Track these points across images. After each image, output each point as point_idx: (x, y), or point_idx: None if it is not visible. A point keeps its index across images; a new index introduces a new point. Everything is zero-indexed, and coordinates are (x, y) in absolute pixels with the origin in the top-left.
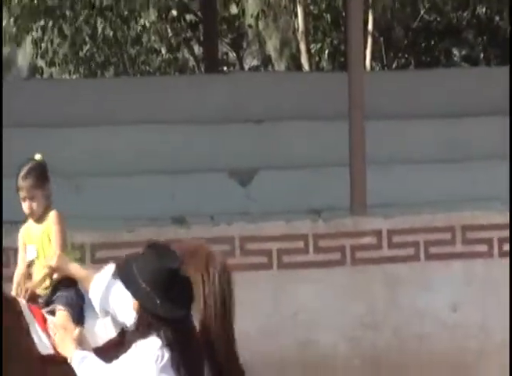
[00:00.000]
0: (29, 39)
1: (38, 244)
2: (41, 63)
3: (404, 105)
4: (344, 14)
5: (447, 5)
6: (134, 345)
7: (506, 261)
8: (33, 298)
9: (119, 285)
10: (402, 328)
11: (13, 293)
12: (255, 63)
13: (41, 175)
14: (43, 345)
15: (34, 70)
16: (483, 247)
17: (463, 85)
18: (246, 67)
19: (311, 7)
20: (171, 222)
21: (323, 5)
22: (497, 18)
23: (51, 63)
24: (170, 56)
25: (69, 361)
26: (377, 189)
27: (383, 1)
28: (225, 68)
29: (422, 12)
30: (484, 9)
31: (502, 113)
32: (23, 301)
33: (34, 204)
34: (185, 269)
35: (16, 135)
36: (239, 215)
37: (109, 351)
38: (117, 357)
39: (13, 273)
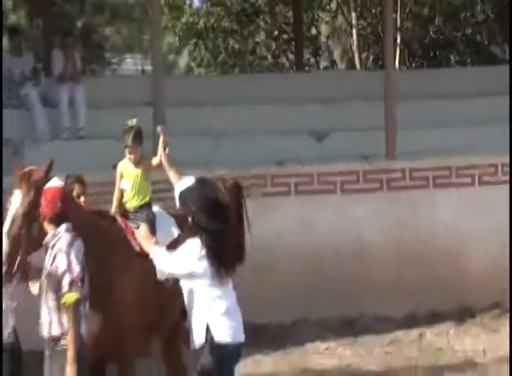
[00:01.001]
0: (186, 51)
1: (132, 180)
2: (193, 65)
3: (420, 91)
4: (382, 35)
5: (446, 28)
6: (185, 242)
7: (483, 189)
8: (124, 215)
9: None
10: (419, 230)
11: (112, 211)
12: (326, 64)
13: (140, 136)
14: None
15: (189, 70)
16: (468, 180)
17: (457, 79)
18: (321, 67)
19: (362, 31)
20: (275, 164)
21: (369, 29)
22: (478, 36)
23: (199, 66)
24: (274, 61)
25: (150, 256)
26: (404, 144)
27: (406, 25)
28: (307, 68)
29: (431, 32)
30: (470, 30)
31: (483, 95)
32: (118, 217)
33: (136, 156)
34: (222, 195)
35: (177, 112)
36: (317, 159)
37: (172, 247)
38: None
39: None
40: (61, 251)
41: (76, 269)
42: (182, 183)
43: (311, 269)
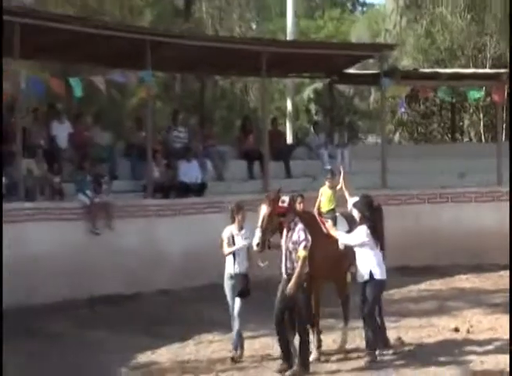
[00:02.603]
0: (397, 133)
1: (326, 197)
2: (402, 140)
3: None
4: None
5: None
6: (357, 228)
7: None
8: (320, 214)
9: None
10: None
11: (315, 213)
12: (467, 140)
13: (333, 173)
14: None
15: (400, 142)
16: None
17: None
18: (464, 141)
19: (486, 123)
20: (440, 187)
21: (489, 122)
22: None
23: (404, 140)
24: (441, 138)
25: (335, 235)
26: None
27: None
28: (458, 141)
29: None
30: None
31: None
32: (317, 216)
33: (330, 183)
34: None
35: (394, 162)
36: (460, 186)
37: (348, 232)
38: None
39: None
40: (301, 230)
41: (308, 239)
42: (353, 199)
43: (455, 241)
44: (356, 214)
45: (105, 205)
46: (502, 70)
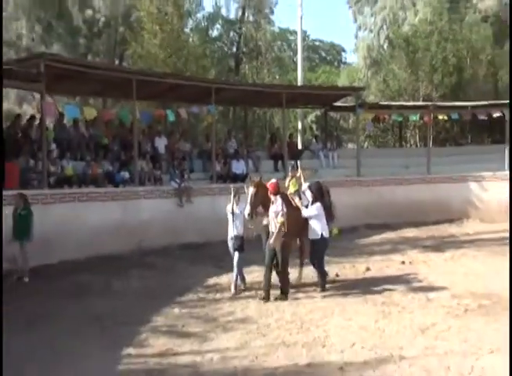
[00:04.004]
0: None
1: (291, 182)
2: (369, 146)
3: (441, 153)
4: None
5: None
6: (314, 205)
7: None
8: (290, 194)
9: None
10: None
11: (288, 193)
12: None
13: (294, 168)
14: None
15: (367, 147)
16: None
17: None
18: (408, 146)
19: (420, 136)
20: (390, 175)
21: (423, 135)
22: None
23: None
24: (394, 145)
25: (300, 208)
26: (434, 169)
27: (442, 133)
28: (403, 147)
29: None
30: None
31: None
32: (289, 195)
33: (292, 174)
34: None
35: (369, 160)
36: (406, 174)
37: (307, 207)
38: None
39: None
40: (279, 204)
41: (284, 210)
42: (306, 184)
43: (402, 208)
44: (309, 194)
45: (187, 188)
46: (429, 103)
